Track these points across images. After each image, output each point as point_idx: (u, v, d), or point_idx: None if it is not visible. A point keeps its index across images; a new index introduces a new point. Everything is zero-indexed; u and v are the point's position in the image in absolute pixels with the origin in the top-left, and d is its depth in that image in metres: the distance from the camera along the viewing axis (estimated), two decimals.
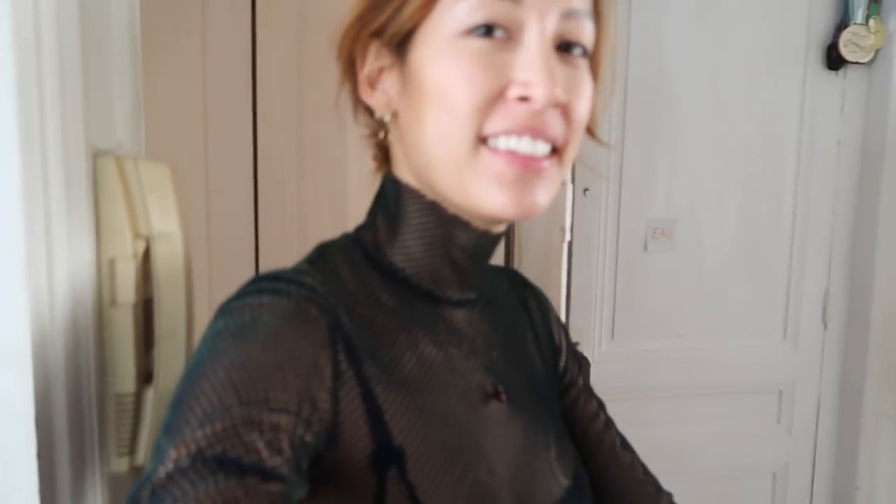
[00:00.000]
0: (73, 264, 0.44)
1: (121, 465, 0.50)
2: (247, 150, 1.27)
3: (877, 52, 1.55)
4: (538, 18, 0.48)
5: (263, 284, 0.47)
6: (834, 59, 1.57)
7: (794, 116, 1.61)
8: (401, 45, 0.50)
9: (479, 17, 0.47)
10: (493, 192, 0.49)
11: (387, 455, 0.47)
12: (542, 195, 0.50)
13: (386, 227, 0.56)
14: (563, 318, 1.37)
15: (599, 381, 1.33)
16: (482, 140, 0.49)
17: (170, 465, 0.38)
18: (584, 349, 1.55)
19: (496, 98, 0.48)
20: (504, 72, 0.48)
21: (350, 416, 0.46)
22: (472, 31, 0.47)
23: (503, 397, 0.58)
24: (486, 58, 0.48)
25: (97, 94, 0.49)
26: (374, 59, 0.52)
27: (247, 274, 0.49)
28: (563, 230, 1.24)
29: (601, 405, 0.72)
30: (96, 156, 0.47)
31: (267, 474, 0.39)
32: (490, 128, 0.48)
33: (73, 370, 0.44)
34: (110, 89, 0.52)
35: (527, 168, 0.49)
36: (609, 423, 0.71)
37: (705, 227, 1.60)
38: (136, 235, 0.48)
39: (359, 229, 0.58)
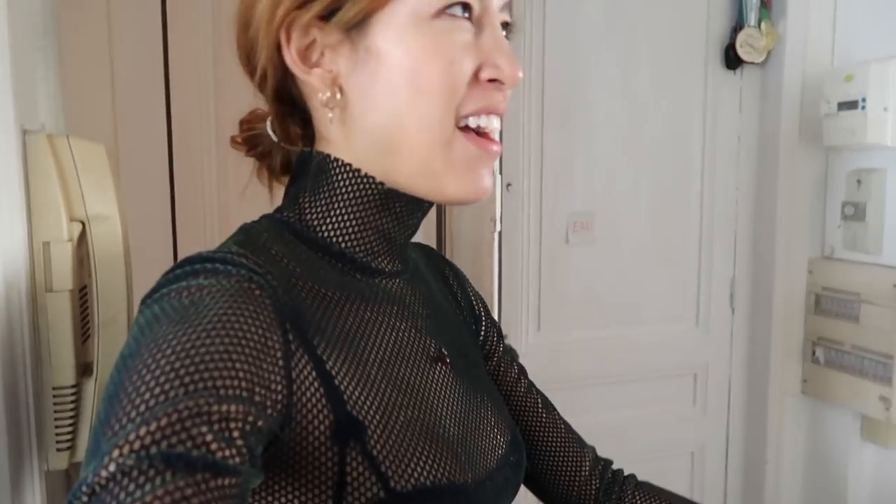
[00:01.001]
0: (4, 247, 0.40)
1: (60, 461, 0.47)
2: (161, 139, 1.22)
3: (769, 52, 1.67)
4: (493, 5, 0.50)
5: (197, 266, 0.45)
6: (731, 59, 1.67)
7: (697, 113, 1.71)
8: (354, 26, 0.49)
9: (450, 1, 0.48)
10: (460, 178, 0.51)
11: (346, 429, 0.46)
12: (490, 179, 0.53)
13: (313, 205, 0.55)
14: (494, 308, 1.39)
15: (528, 371, 1.36)
16: (456, 121, 0.50)
17: (111, 466, 0.34)
18: (512, 340, 1.58)
19: (471, 79, 0.49)
20: (476, 54, 0.49)
21: (305, 395, 0.45)
22: (444, 11, 0.48)
23: (447, 360, 0.59)
24: (462, 39, 0.49)
25: (21, 72, 0.46)
26: (304, 35, 0.50)
27: (165, 266, 0.46)
28: (493, 220, 1.26)
29: (522, 369, 0.76)
30: (26, 133, 0.44)
31: (218, 469, 0.36)
32: (466, 108, 0.50)
33: (9, 361, 0.41)
34: (33, 69, 0.49)
35: (489, 152, 0.51)
36: (531, 385, 0.75)
37: (621, 219, 1.67)
38: (71, 218, 0.46)
39: (278, 211, 0.57)
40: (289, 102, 0.55)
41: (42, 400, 0.45)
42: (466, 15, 0.49)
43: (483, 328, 0.74)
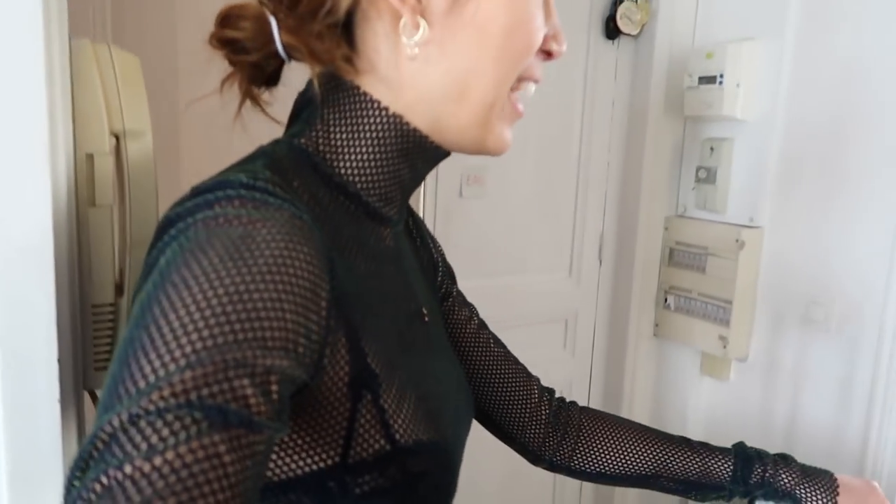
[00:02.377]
0: (53, 159, 0.38)
1: (99, 380, 0.45)
2: None
3: (643, 26, 1.82)
4: None
5: (243, 192, 0.41)
6: (611, 30, 1.80)
7: (579, 78, 1.83)
8: None
9: None
10: (499, 132, 0.54)
11: (363, 380, 0.47)
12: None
13: (333, 136, 0.52)
14: None
15: None
16: (518, 80, 0.53)
17: (149, 407, 0.32)
18: None
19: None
20: (545, 25, 0.53)
21: (335, 343, 0.44)
22: None
23: (426, 318, 0.61)
24: (540, 10, 0.52)
25: None
26: None
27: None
28: None
29: (473, 308, 0.80)
30: (72, 39, 0.41)
31: (252, 426, 0.35)
32: (525, 72, 0.53)
33: (58, 277, 0.39)
34: None
35: (520, 114, 0.55)
36: (482, 324, 0.79)
37: (510, 175, 1.76)
38: (111, 132, 0.43)
39: (294, 135, 0.53)
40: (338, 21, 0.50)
41: (84, 317, 0.43)
42: None
43: (440, 274, 0.76)
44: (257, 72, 0.54)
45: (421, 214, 1.63)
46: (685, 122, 1.88)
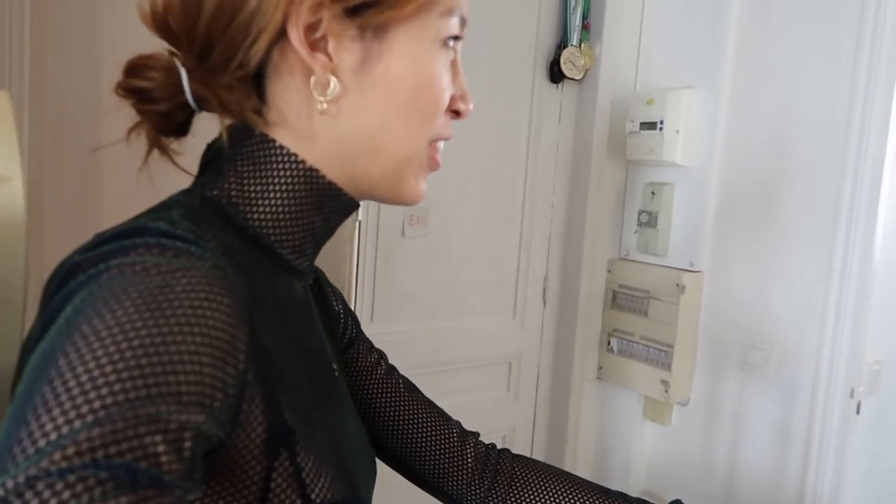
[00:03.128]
0: None
1: None
2: None
3: (586, 71, 1.85)
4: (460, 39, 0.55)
5: (163, 241, 0.40)
6: (555, 74, 1.82)
7: (524, 121, 1.84)
8: (373, 29, 0.49)
9: (457, 30, 0.52)
10: (414, 184, 0.55)
11: (280, 436, 0.45)
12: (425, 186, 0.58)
13: (245, 186, 0.51)
14: (352, 296, 1.38)
15: None
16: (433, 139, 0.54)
17: (51, 468, 0.30)
18: None
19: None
20: (453, 85, 0.55)
21: (252, 398, 0.43)
22: (447, 41, 0.52)
23: (336, 372, 0.60)
24: (450, 70, 0.53)
25: None
26: (312, 14, 0.47)
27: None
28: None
29: (381, 354, 0.77)
30: None
31: (163, 486, 0.33)
32: (440, 132, 0.55)
33: None
34: None
35: (437, 166, 0.57)
36: (391, 369, 0.77)
37: (454, 216, 1.74)
38: None
39: (205, 186, 0.52)
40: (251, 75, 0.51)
41: None
42: (459, 40, 0.53)
43: (342, 323, 0.73)
44: (166, 121, 0.53)
45: (362, 255, 1.59)
46: (628, 165, 1.90)
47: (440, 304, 1.75)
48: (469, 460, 0.76)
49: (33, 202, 1.14)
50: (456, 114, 0.56)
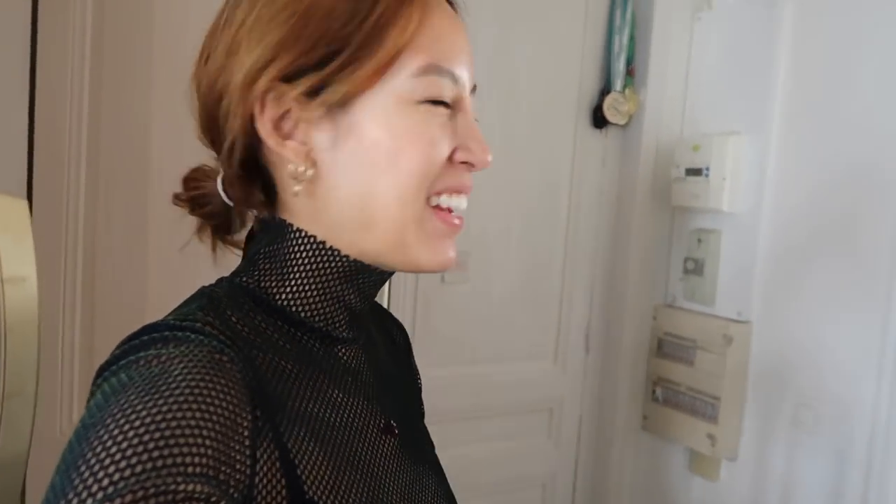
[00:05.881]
0: None
1: None
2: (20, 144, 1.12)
3: (630, 116, 1.83)
4: (466, 93, 0.54)
5: (166, 333, 0.44)
6: (599, 119, 1.82)
7: (566, 166, 1.83)
8: (337, 104, 0.50)
9: (436, 94, 0.51)
10: (430, 251, 0.54)
11: None
12: (454, 250, 0.56)
13: (272, 271, 0.54)
14: None
15: None
16: (427, 198, 0.52)
17: None
18: None
19: (445, 161, 0.52)
20: (452, 137, 0.53)
21: (266, 475, 0.44)
22: (427, 102, 0.51)
23: (395, 431, 0.59)
24: (440, 123, 0.52)
25: None
26: (278, 105, 0.50)
27: None
28: None
29: None
30: None
31: None
32: (438, 187, 0.53)
33: None
34: None
35: (456, 227, 0.55)
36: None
37: (494, 261, 1.74)
38: None
39: (236, 274, 0.56)
40: (252, 168, 0.54)
41: None
42: (445, 100, 0.52)
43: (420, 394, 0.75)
44: (224, 221, 0.59)
45: (401, 299, 1.61)
46: (673, 211, 1.87)
47: (480, 349, 1.74)
48: None
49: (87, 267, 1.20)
50: (468, 165, 0.55)
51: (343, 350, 0.57)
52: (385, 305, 1.49)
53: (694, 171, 1.73)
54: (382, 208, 0.51)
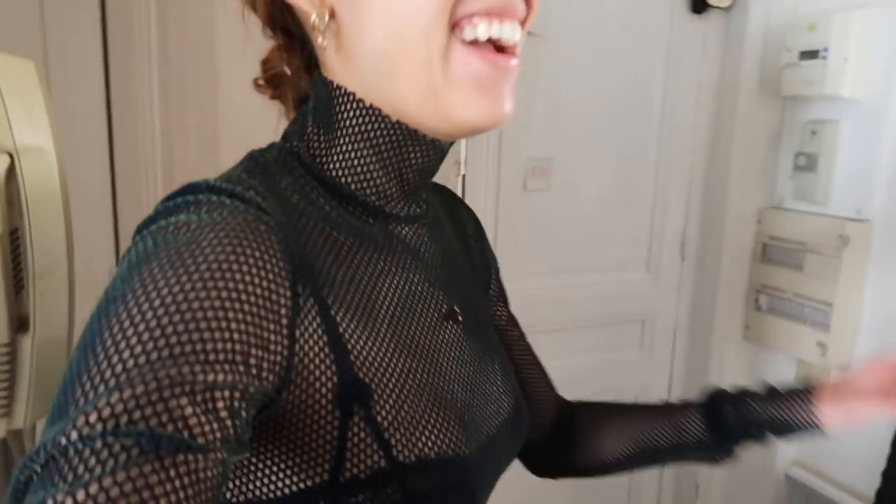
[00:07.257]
0: None
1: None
2: (96, 62, 1.10)
3: None
4: None
5: (200, 196, 0.39)
6: (698, 2, 1.63)
7: (661, 57, 1.67)
8: None
9: None
10: (467, 99, 0.45)
11: (351, 393, 0.43)
12: (510, 101, 0.46)
13: (320, 137, 0.50)
14: None
15: None
16: (454, 27, 0.43)
17: (73, 435, 0.30)
18: None
19: None
20: None
21: (309, 354, 0.41)
22: None
23: (459, 318, 0.55)
24: None
25: None
26: None
27: (104, 229, 0.39)
28: (458, 163, 1.20)
29: (515, 319, 0.76)
30: None
31: (195, 449, 0.32)
32: (464, 9, 0.43)
33: None
34: None
35: (501, 68, 0.45)
36: (522, 334, 0.76)
37: (579, 166, 1.63)
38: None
39: (287, 138, 0.52)
40: (286, 32, 0.51)
41: None
42: None
43: (493, 280, 0.71)
44: (297, 97, 0.57)
45: (481, 209, 1.54)
46: (783, 102, 1.68)
47: (566, 259, 1.66)
48: (557, 433, 0.77)
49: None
50: None
51: (403, 228, 0.53)
52: None
53: (809, 54, 1.53)
54: (403, 48, 0.44)
